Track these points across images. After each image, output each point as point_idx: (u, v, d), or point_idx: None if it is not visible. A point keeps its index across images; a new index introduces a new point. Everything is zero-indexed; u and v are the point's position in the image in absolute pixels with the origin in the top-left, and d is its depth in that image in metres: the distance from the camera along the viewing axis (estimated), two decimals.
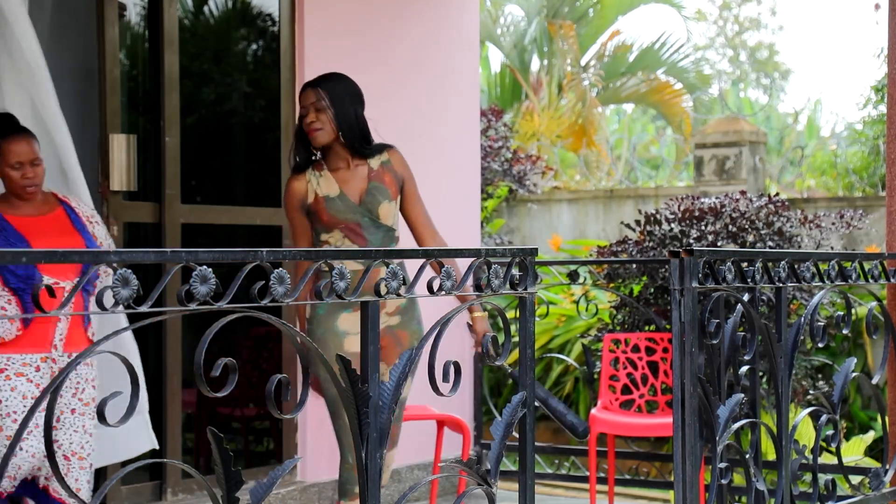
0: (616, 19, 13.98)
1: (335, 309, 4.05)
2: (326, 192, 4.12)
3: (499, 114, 9.78)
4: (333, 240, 4.13)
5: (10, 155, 4.09)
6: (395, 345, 4.14)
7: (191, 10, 5.95)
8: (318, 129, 4.10)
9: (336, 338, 4.06)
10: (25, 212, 4.15)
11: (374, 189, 4.16)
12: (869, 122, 10.68)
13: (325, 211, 4.10)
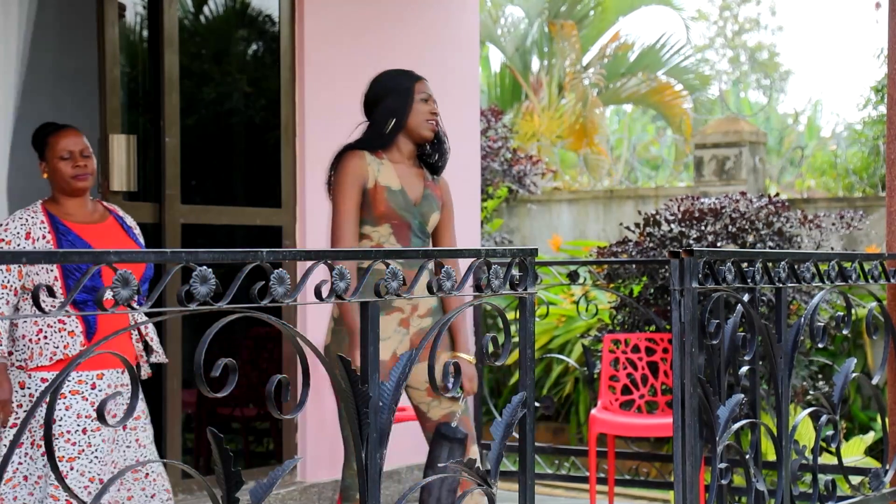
0: (617, 20, 13.99)
1: None
2: (388, 183, 3.91)
3: (499, 114, 9.77)
4: (377, 236, 3.92)
5: (59, 146, 3.94)
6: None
7: (191, 10, 5.95)
8: (436, 123, 4.00)
9: None
10: (81, 218, 3.97)
11: (429, 196, 4.01)
12: (869, 122, 10.68)
13: (385, 202, 3.89)
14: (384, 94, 3.99)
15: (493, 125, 9.48)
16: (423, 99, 3.97)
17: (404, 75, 4.04)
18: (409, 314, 3.89)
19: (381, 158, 3.93)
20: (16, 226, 3.84)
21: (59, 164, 3.92)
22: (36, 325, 3.77)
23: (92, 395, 3.83)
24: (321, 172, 5.67)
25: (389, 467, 5.53)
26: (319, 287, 2.47)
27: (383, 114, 3.96)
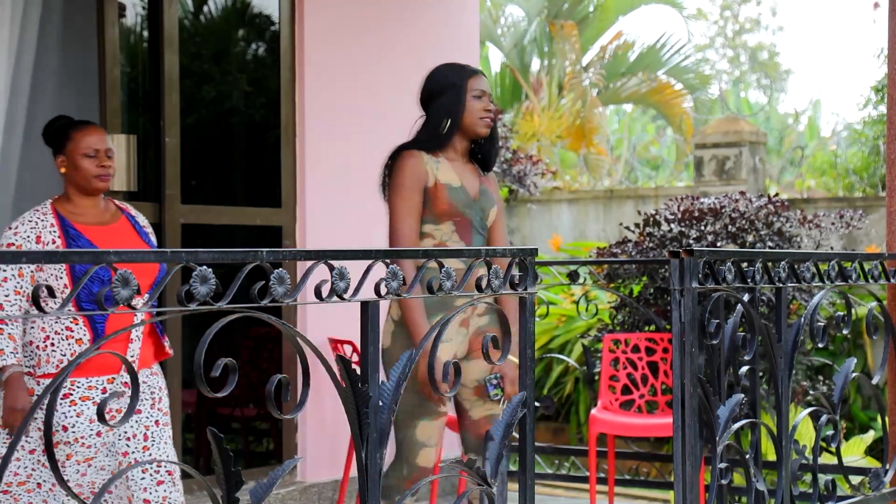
0: (617, 19, 14.00)
1: (430, 311, 3.75)
2: (448, 180, 3.83)
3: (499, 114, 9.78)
4: (440, 234, 3.83)
5: (84, 142, 3.80)
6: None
7: (191, 10, 5.96)
8: (491, 120, 3.89)
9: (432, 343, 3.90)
10: (91, 219, 3.84)
11: (485, 191, 3.94)
12: (869, 122, 10.68)
13: (446, 199, 3.81)
14: (438, 92, 3.91)
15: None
16: (477, 96, 3.87)
17: (457, 71, 3.94)
18: (470, 314, 3.84)
19: (438, 157, 3.86)
20: (25, 229, 3.73)
21: (83, 162, 3.79)
22: (43, 331, 3.68)
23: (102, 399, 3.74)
24: (321, 172, 5.69)
25: None
26: (319, 287, 2.47)
27: (438, 113, 3.88)
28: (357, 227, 5.72)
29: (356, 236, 5.64)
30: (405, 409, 3.73)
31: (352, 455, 5.14)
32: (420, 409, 3.74)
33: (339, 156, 5.71)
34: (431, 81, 3.96)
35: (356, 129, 5.78)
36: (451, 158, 3.89)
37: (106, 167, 3.81)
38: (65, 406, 3.69)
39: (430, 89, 3.94)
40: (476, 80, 3.90)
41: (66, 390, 3.67)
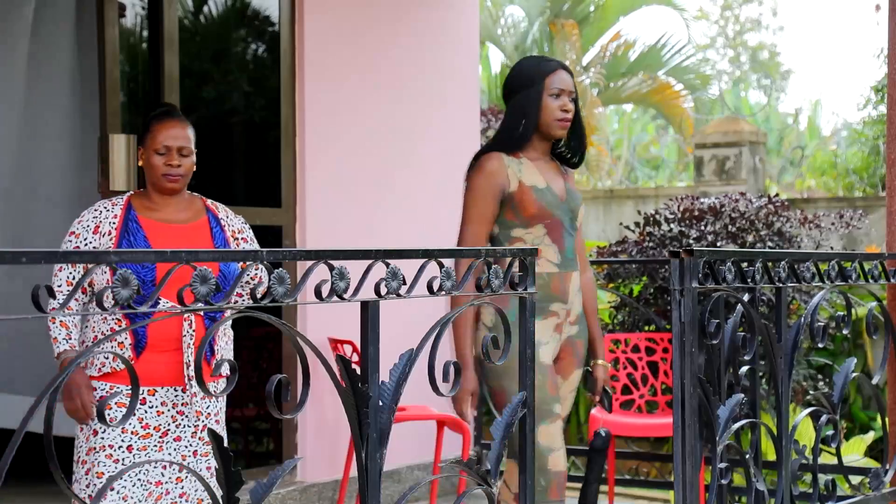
0: (617, 20, 13.99)
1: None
2: (533, 182, 3.65)
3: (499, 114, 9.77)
4: (531, 237, 3.65)
5: (158, 137, 3.56)
6: (572, 354, 3.75)
7: (191, 10, 5.96)
8: (568, 121, 3.69)
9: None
10: (164, 216, 3.60)
11: (571, 190, 3.76)
12: (869, 122, 10.68)
13: (535, 202, 3.62)
14: (517, 88, 3.72)
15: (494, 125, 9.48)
16: (554, 94, 3.66)
17: (537, 67, 3.71)
18: (563, 319, 3.69)
19: (520, 158, 3.68)
20: (89, 218, 3.55)
21: (153, 159, 3.57)
22: (93, 331, 3.50)
23: (141, 410, 3.46)
24: (321, 172, 5.69)
25: (389, 467, 5.53)
26: (319, 287, 2.47)
27: (515, 112, 3.70)
28: (357, 227, 5.72)
29: (356, 236, 5.64)
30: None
31: (352, 455, 5.14)
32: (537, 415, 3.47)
33: (339, 156, 5.71)
34: (512, 76, 3.76)
35: (356, 129, 5.78)
36: (534, 158, 3.71)
37: (174, 167, 3.56)
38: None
39: (510, 84, 3.76)
40: (555, 76, 3.68)
41: (103, 393, 3.46)
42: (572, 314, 3.69)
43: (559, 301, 3.57)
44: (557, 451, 3.63)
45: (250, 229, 3.73)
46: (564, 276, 3.58)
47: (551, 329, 3.66)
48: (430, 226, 6.07)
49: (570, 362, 3.76)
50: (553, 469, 3.62)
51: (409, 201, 6.01)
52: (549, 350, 3.65)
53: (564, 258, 3.62)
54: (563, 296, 3.55)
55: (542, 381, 3.54)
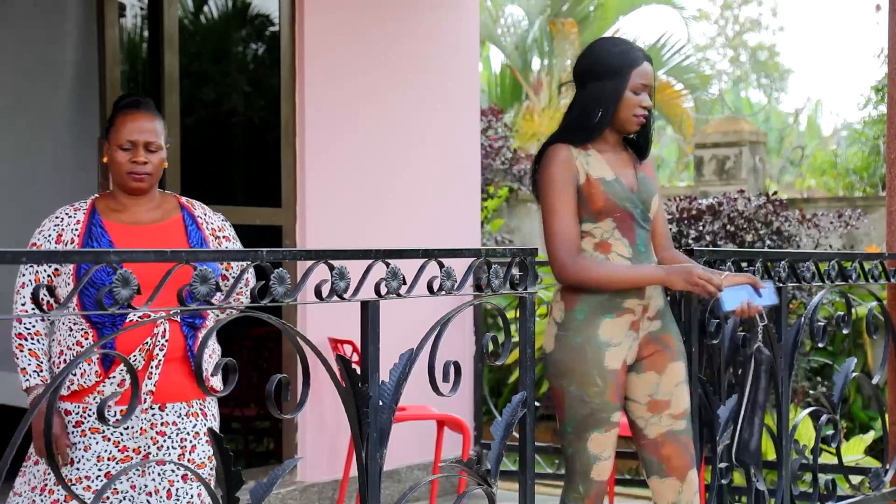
0: (617, 20, 14.00)
1: (597, 313, 3.40)
2: (601, 174, 3.43)
3: (499, 114, 9.78)
4: (600, 232, 3.44)
5: (122, 131, 3.20)
6: (662, 350, 3.50)
7: (191, 10, 5.96)
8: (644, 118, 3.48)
9: (598, 350, 3.39)
10: (131, 217, 3.27)
11: (644, 179, 3.56)
12: (869, 122, 10.68)
13: (603, 195, 3.41)
14: (599, 73, 3.43)
15: (494, 125, 9.49)
16: (637, 90, 3.43)
17: (626, 55, 3.44)
18: (640, 316, 3.47)
19: (587, 150, 3.45)
20: (50, 227, 3.23)
21: (116, 155, 3.22)
22: (59, 345, 3.16)
23: (116, 434, 3.12)
24: (321, 172, 5.69)
25: (389, 467, 5.53)
26: (319, 287, 2.47)
27: (591, 100, 3.43)
28: (357, 227, 5.72)
29: (356, 236, 5.64)
30: (576, 421, 3.41)
31: (352, 455, 5.14)
32: (592, 421, 3.42)
33: (339, 156, 5.71)
34: (593, 58, 3.48)
35: (356, 129, 5.78)
36: (602, 150, 3.48)
37: (139, 164, 3.20)
38: (76, 436, 3.11)
39: (590, 66, 3.47)
40: (640, 70, 3.43)
41: (78, 417, 3.10)
42: (651, 309, 3.48)
43: (634, 297, 3.41)
44: (605, 460, 3.49)
45: (232, 227, 3.43)
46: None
47: (625, 327, 3.43)
48: (430, 225, 6.07)
49: (662, 356, 3.50)
50: (596, 478, 3.46)
51: (410, 201, 6.01)
52: (619, 352, 3.42)
53: (636, 251, 3.46)
54: (637, 291, 3.41)
55: (602, 388, 3.38)
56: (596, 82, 3.43)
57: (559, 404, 3.44)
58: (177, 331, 3.14)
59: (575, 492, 3.45)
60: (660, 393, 3.51)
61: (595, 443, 3.45)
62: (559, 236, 3.38)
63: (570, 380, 3.39)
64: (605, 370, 3.38)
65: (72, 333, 3.13)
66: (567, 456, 3.47)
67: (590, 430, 3.43)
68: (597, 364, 3.37)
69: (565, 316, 3.41)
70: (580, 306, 3.40)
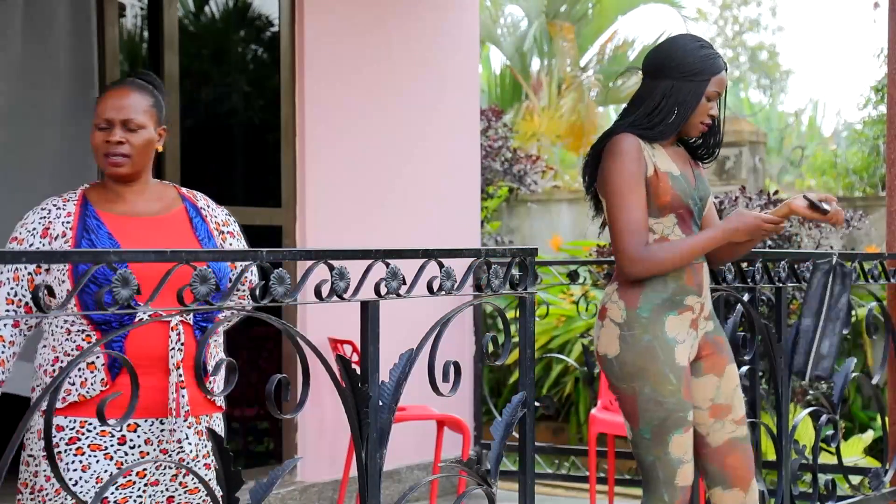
0: (616, 19, 13.99)
1: (661, 311, 3.30)
2: (669, 168, 3.33)
3: (499, 114, 9.77)
4: (661, 228, 3.33)
5: (98, 109, 2.92)
6: (719, 352, 3.43)
7: (191, 11, 5.96)
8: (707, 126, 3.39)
9: (666, 347, 3.28)
10: (129, 209, 2.95)
11: (699, 176, 3.45)
12: (869, 122, 10.68)
13: (671, 189, 3.30)
14: (682, 72, 3.32)
15: (494, 125, 9.48)
16: (711, 97, 3.35)
17: (710, 59, 3.34)
18: (698, 314, 3.38)
19: (653, 144, 3.35)
20: (34, 220, 2.92)
21: (93, 137, 2.92)
22: (54, 351, 2.85)
23: (119, 453, 2.81)
24: (321, 172, 5.68)
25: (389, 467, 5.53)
26: (319, 287, 2.47)
27: (668, 100, 3.32)
28: (357, 227, 5.72)
29: (356, 236, 5.64)
30: (653, 425, 3.28)
31: (352, 455, 5.14)
32: (671, 422, 3.28)
33: (339, 156, 5.71)
34: (678, 55, 3.35)
35: (356, 128, 5.78)
36: (665, 144, 3.38)
37: (113, 143, 2.89)
38: (69, 454, 2.79)
39: (671, 63, 3.34)
40: (718, 78, 3.34)
41: (73, 433, 2.80)
42: (706, 308, 3.39)
43: (694, 294, 3.34)
44: (688, 463, 3.32)
45: (236, 222, 3.14)
46: (697, 267, 3.34)
47: (687, 325, 3.34)
48: (430, 225, 6.07)
49: (719, 357, 3.41)
50: (680, 484, 3.30)
51: (410, 201, 6.01)
52: (685, 349, 3.32)
53: None
54: (698, 289, 3.34)
55: (677, 386, 3.26)
56: (675, 81, 3.32)
57: (632, 409, 3.30)
58: (190, 336, 2.86)
59: (660, 501, 3.30)
60: (721, 397, 3.41)
61: (677, 445, 3.28)
62: (630, 230, 3.25)
63: (643, 381, 3.26)
64: (677, 367, 3.27)
65: (70, 337, 2.82)
66: (646, 465, 3.31)
67: (670, 432, 3.28)
68: (668, 361, 3.26)
69: (627, 315, 3.29)
70: (644, 304, 3.30)
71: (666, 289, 3.30)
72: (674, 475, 3.28)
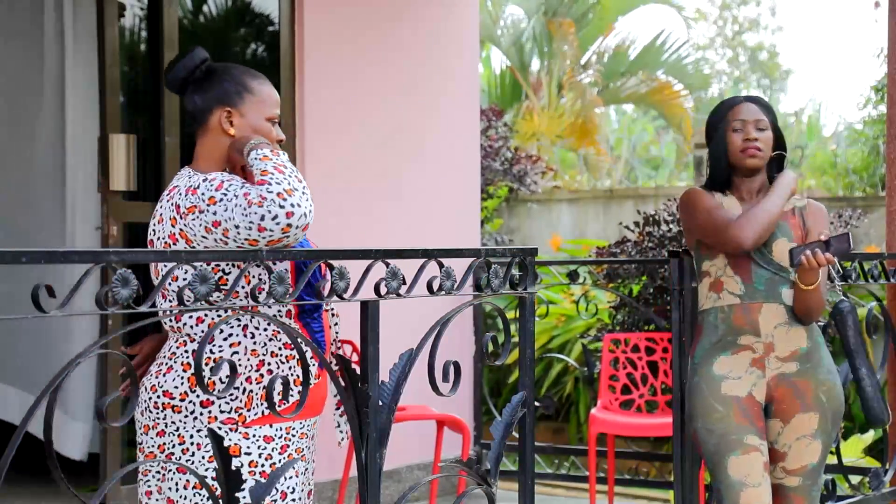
0: (616, 19, 14.00)
1: (711, 353, 3.46)
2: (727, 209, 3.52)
3: (499, 113, 9.78)
4: (714, 269, 3.50)
5: (267, 103, 2.93)
6: (793, 397, 3.45)
7: (191, 11, 5.96)
8: (759, 150, 3.49)
9: (712, 383, 3.43)
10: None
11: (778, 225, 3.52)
12: (869, 121, 10.68)
13: None
14: (709, 133, 3.62)
15: (494, 125, 9.49)
16: (736, 128, 3.51)
17: (723, 104, 3.61)
18: (764, 354, 3.44)
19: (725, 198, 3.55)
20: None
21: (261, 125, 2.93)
22: (255, 355, 2.65)
23: (308, 451, 2.92)
24: (321, 172, 5.68)
25: (389, 467, 5.53)
26: (320, 286, 2.47)
27: (710, 154, 3.61)
28: (357, 227, 5.72)
29: (356, 236, 5.64)
30: (710, 454, 3.40)
31: (351, 455, 5.14)
32: (723, 446, 3.38)
33: (338, 156, 5.71)
34: (708, 120, 3.65)
35: (356, 129, 5.78)
36: (743, 199, 3.54)
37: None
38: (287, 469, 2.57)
39: (706, 128, 3.65)
40: (735, 111, 3.53)
41: (282, 441, 2.72)
42: (780, 349, 3.44)
43: (749, 333, 3.42)
44: (753, 486, 3.34)
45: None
46: (750, 307, 3.42)
47: (746, 363, 3.44)
48: (430, 225, 6.07)
49: (791, 405, 3.45)
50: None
51: (409, 201, 6.01)
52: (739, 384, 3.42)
53: (750, 289, 3.44)
54: (752, 328, 3.41)
55: (725, 412, 3.38)
56: (711, 140, 3.60)
57: (698, 449, 3.48)
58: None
59: None
60: (779, 443, 3.47)
61: (734, 468, 3.35)
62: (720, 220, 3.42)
63: (695, 418, 3.45)
64: (723, 396, 3.42)
65: (274, 339, 2.68)
66: (719, 496, 3.40)
67: (724, 456, 3.37)
68: (713, 393, 3.41)
69: (689, 365, 3.53)
70: (697, 351, 3.51)
71: (716, 332, 3.47)
72: (738, 498, 3.34)
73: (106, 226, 5.03)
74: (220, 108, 2.94)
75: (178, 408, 2.62)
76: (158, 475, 2.64)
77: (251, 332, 2.66)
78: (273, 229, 2.50)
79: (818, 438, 3.47)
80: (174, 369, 2.65)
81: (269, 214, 2.50)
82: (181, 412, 2.61)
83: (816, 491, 3.50)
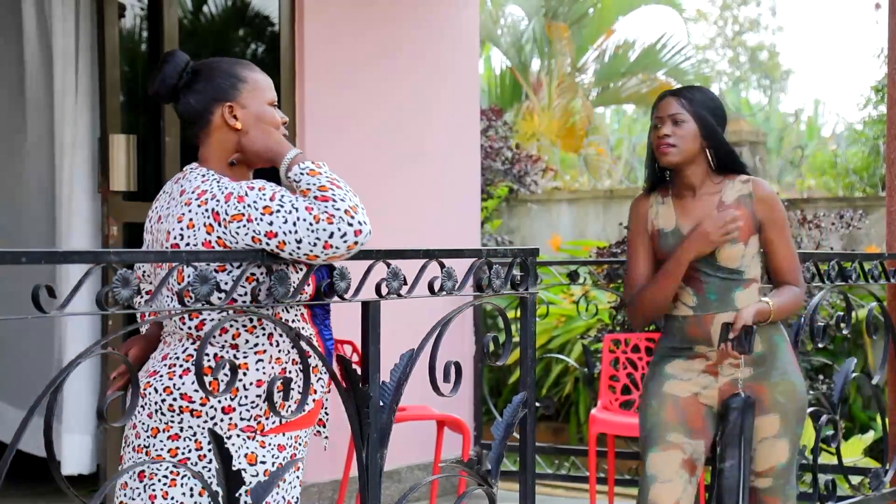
0: (616, 20, 14.00)
1: (668, 355, 3.51)
2: (661, 226, 3.51)
3: (499, 113, 9.78)
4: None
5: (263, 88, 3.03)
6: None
7: (191, 11, 5.96)
8: (670, 146, 3.43)
9: (658, 380, 3.48)
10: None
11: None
12: (869, 122, 10.68)
13: (660, 249, 3.50)
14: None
15: (494, 125, 9.49)
16: (656, 125, 3.49)
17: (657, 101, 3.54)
18: (717, 361, 3.46)
19: (665, 197, 3.53)
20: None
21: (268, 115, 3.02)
22: (279, 363, 2.62)
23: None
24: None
25: (389, 467, 5.53)
26: (320, 286, 2.47)
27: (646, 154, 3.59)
28: None
29: None
30: (640, 443, 3.48)
31: (352, 455, 5.14)
32: (648, 440, 3.44)
33: (338, 156, 5.71)
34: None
35: (356, 129, 5.78)
36: (680, 195, 3.52)
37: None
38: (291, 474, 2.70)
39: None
40: (657, 108, 3.51)
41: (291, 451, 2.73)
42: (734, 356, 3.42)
43: (703, 343, 3.44)
44: (665, 483, 3.37)
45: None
46: (703, 318, 3.43)
47: (699, 369, 3.46)
48: (431, 225, 6.07)
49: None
50: (652, 500, 3.38)
51: (410, 201, 6.01)
52: (685, 385, 3.45)
53: (703, 300, 3.43)
54: (705, 338, 3.42)
55: (657, 408, 3.44)
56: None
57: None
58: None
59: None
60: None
61: (651, 463, 3.41)
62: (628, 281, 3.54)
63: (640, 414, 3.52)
64: (661, 393, 3.46)
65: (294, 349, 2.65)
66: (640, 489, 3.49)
67: (646, 450, 3.44)
68: (654, 389, 3.48)
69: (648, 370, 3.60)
70: (657, 351, 3.58)
71: (673, 339, 3.51)
72: (646, 493, 3.40)
73: (106, 226, 5.03)
74: (220, 105, 2.90)
75: (197, 412, 2.54)
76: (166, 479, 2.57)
77: (276, 340, 2.61)
78: (339, 246, 2.43)
79: (783, 438, 3.48)
80: (191, 372, 2.56)
81: (338, 232, 2.42)
82: (201, 416, 2.54)
83: (791, 489, 3.51)
